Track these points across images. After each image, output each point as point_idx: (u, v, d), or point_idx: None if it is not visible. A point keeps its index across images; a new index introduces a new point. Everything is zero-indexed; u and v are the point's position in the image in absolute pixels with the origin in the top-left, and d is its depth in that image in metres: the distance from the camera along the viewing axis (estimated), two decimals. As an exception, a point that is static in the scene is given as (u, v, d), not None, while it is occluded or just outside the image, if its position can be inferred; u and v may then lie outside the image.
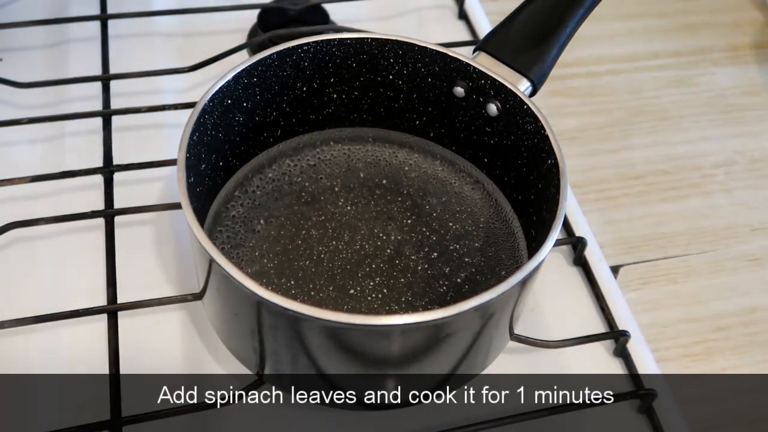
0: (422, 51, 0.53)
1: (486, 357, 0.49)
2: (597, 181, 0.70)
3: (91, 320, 0.52)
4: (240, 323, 0.45)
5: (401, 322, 0.40)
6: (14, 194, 0.59)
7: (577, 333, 0.54)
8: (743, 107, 0.79)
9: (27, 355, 0.51)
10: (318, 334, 0.42)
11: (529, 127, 0.50)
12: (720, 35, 0.87)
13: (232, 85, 0.50)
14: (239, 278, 0.40)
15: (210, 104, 0.48)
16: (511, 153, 0.53)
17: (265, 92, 0.52)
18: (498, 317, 0.45)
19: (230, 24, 0.74)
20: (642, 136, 0.74)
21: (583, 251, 0.59)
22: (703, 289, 0.62)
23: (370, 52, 0.54)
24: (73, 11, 0.73)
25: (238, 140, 0.53)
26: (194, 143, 0.47)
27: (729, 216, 0.68)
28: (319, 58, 0.53)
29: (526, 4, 0.53)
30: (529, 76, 0.51)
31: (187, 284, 0.55)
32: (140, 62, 0.69)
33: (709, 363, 0.58)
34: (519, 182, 0.53)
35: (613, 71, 0.82)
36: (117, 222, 0.56)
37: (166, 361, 0.52)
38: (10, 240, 0.56)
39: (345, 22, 0.73)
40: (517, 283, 0.41)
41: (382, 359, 0.44)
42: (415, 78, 0.55)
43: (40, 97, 0.66)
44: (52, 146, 0.63)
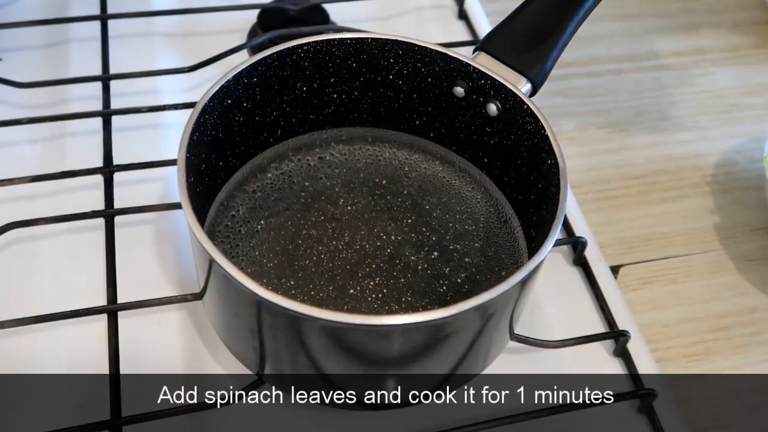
0: (422, 51, 0.53)
1: (486, 357, 0.49)
2: (597, 181, 0.70)
3: (91, 320, 0.52)
4: (240, 323, 0.45)
5: (401, 322, 0.40)
6: (14, 194, 0.59)
7: (577, 333, 0.54)
8: (743, 107, 0.79)
9: (27, 355, 0.51)
10: (318, 334, 0.42)
11: (529, 127, 0.50)
12: (720, 35, 0.87)
13: (232, 85, 0.50)
14: (239, 278, 0.40)
15: (210, 104, 0.48)
16: (511, 153, 0.53)
17: (265, 92, 0.52)
18: (498, 317, 0.45)
19: (230, 24, 0.74)
20: (642, 136, 0.74)
21: (583, 251, 0.59)
22: (703, 289, 0.62)
23: (370, 52, 0.54)
24: (73, 11, 0.73)
25: (238, 140, 0.53)
26: (194, 143, 0.47)
27: (729, 216, 0.68)
28: (319, 58, 0.53)
29: (526, 4, 0.53)
30: (529, 76, 0.51)
31: (187, 284, 0.55)
32: (140, 62, 0.69)
33: (709, 363, 0.58)
34: (519, 182, 0.53)
35: (613, 71, 0.82)
36: (117, 222, 0.56)
37: (166, 361, 0.52)
38: (10, 240, 0.56)
39: (345, 22, 0.73)
40: (517, 283, 0.41)
41: (382, 359, 0.44)
42: (415, 78, 0.55)
43: (40, 97, 0.66)
44: (52, 146, 0.63)
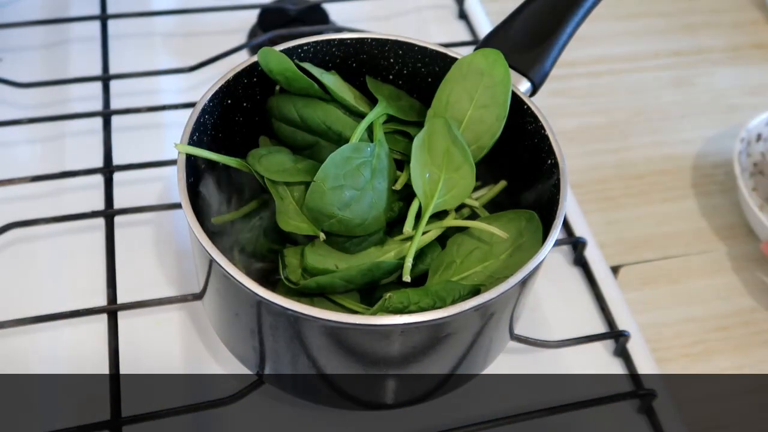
0: (422, 51, 0.53)
1: (486, 357, 0.49)
2: (597, 181, 0.70)
3: (91, 320, 0.52)
4: (240, 323, 0.45)
5: (401, 322, 0.40)
6: (14, 194, 0.59)
7: (577, 333, 0.54)
8: (743, 107, 0.79)
9: (27, 355, 0.51)
10: (318, 334, 0.42)
11: (529, 127, 0.50)
12: (720, 35, 0.87)
13: (232, 85, 0.50)
14: (239, 278, 0.40)
15: (210, 104, 0.48)
16: (511, 153, 0.52)
17: (265, 93, 0.52)
18: (498, 317, 0.45)
19: (230, 24, 0.74)
20: (642, 136, 0.74)
21: (583, 251, 0.59)
22: (703, 289, 0.62)
23: (370, 52, 0.54)
24: (73, 11, 0.73)
25: (238, 140, 0.53)
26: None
27: (729, 216, 0.68)
28: (319, 58, 0.53)
29: (526, 4, 0.53)
30: (529, 75, 0.51)
31: (187, 284, 0.55)
32: (140, 62, 0.69)
33: (709, 363, 0.58)
34: (519, 182, 0.53)
35: (613, 71, 0.82)
36: (117, 222, 0.56)
37: (166, 361, 0.52)
38: (10, 240, 0.56)
39: (345, 22, 0.73)
40: (517, 283, 0.41)
41: (382, 359, 0.44)
42: (415, 78, 0.55)
43: (40, 97, 0.66)
44: (52, 146, 0.63)
